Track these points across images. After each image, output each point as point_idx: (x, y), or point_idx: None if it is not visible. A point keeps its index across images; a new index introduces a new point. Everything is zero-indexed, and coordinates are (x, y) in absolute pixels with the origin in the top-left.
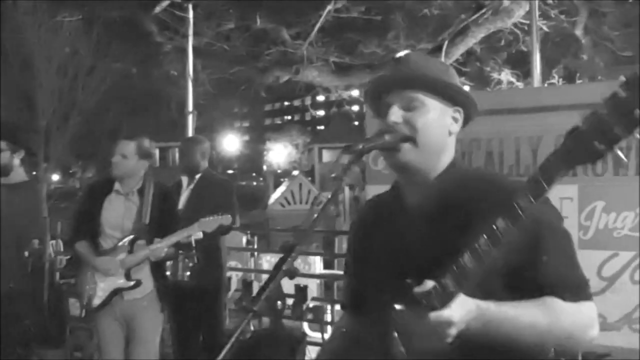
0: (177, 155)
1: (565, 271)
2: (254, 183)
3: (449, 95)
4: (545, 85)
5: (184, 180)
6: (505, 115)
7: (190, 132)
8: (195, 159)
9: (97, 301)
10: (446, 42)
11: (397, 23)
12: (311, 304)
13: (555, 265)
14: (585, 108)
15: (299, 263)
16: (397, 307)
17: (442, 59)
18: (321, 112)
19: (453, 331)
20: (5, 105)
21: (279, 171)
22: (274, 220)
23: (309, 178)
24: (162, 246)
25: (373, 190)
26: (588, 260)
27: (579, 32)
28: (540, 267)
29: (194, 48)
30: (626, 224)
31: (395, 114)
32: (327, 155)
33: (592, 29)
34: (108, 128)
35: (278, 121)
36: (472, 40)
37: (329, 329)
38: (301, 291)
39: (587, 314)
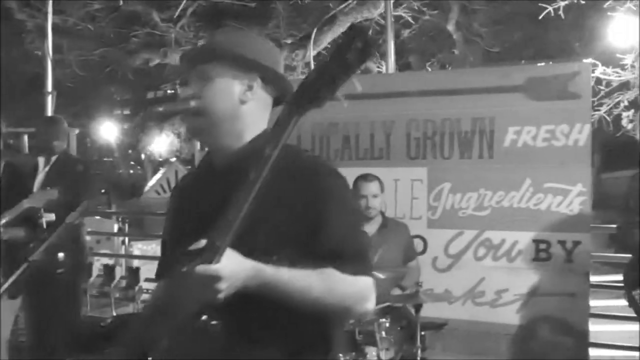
0: None
1: (344, 245)
2: (131, 171)
3: (236, 64)
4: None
5: (40, 161)
6: (361, 100)
7: (49, 113)
8: (51, 140)
9: None
10: (315, 30)
11: (277, 12)
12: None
13: (335, 239)
14: (433, 95)
15: (151, 247)
16: (185, 268)
17: (311, 47)
18: None
19: (223, 285)
20: None
21: (160, 159)
22: (149, 208)
23: (189, 166)
24: None
25: None
26: (436, 239)
27: (451, 27)
28: (321, 238)
29: (59, 28)
30: (470, 204)
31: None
32: None
33: (463, 25)
34: None
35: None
36: (339, 29)
37: None
38: (133, 273)
39: (362, 287)
